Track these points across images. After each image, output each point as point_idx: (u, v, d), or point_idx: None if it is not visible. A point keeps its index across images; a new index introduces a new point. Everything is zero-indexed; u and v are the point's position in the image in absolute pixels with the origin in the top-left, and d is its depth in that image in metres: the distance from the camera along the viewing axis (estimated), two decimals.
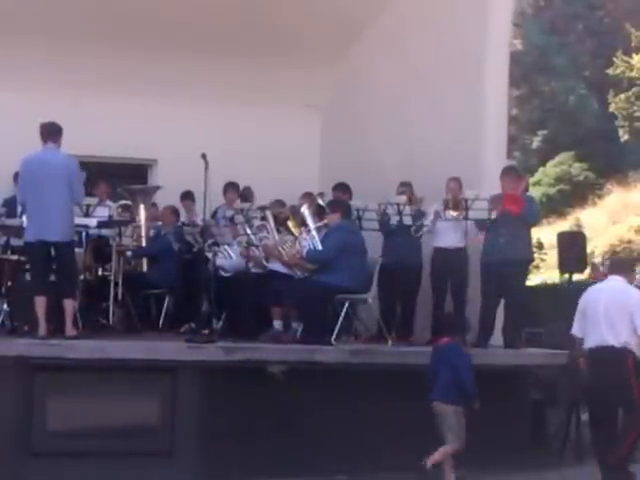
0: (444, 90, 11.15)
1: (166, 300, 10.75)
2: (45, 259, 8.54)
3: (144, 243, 10.11)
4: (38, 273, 8.62)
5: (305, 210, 9.70)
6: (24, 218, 8.85)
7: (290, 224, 9.93)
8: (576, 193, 26.88)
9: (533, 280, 16.41)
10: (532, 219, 9.96)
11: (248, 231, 9.88)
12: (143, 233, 10.03)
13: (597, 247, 20.20)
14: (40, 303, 8.36)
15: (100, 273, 9.92)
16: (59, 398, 7.91)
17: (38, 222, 8.41)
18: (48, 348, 7.98)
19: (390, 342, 9.61)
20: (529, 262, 10.48)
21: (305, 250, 9.41)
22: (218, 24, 11.68)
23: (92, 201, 9.59)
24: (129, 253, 10.30)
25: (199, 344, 8.46)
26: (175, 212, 11.25)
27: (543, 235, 18.68)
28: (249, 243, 9.83)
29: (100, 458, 7.89)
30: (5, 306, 9.33)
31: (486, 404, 8.38)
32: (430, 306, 10.33)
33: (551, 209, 25.21)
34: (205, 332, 8.83)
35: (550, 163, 29.06)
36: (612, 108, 26.62)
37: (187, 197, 11.30)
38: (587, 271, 15.04)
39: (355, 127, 12.41)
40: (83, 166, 8.84)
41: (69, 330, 8.45)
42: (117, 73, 12.04)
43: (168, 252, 10.65)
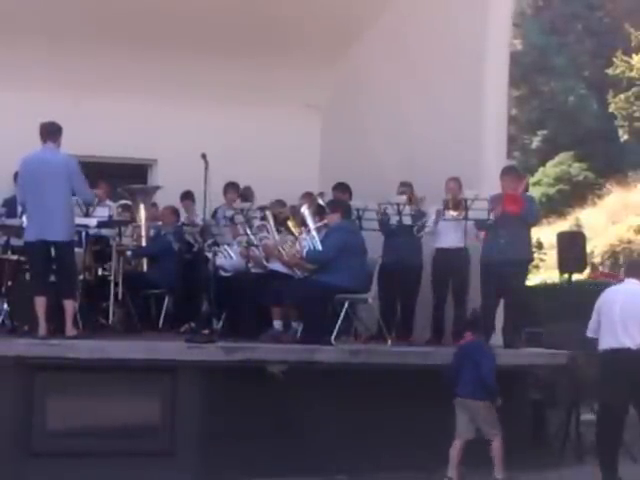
0: (444, 90, 11.14)
1: (166, 300, 10.76)
2: (45, 259, 8.54)
3: (144, 243, 10.11)
4: (38, 273, 8.62)
5: (305, 210, 9.70)
6: (24, 218, 8.84)
7: (290, 224, 9.93)
8: (576, 193, 26.84)
9: (533, 280, 16.40)
10: (532, 219, 9.96)
11: (248, 231, 9.88)
12: (143, 233, 10.02)
13: (597, 247, 20.19)
14: (40, 303, 8.36)
15: (100, 273, 9.92)
16: (59, 398, 7.91)
17: (38, 222, 8.41)
18: (48, 348, 7.98)
19: (390, 342, 9.62)
20: (529, 262, 10.48)
21: (305, 250, 9.42)
22: (218, 24, 11.68)
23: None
24: (129, 253, 10.30)
25: (199, 344, 8.46)
26: (175, 212, 11.25)
27: (543, 235, 18.68)
28: (249, 243, 9.83)
29: (100, 458, 7.89)
30: (5, 306, 9.32)
31: None
32: (430, 306, 10.33)
33: (551, 209, 25.19)
34: (205, 332, 8.82)
35: (550, 163, 29.04)
36: (612, 108, 26.59)
37: (187, 197, 11.30)
38: (587, 271, 15.06)
39: (355, 127, 12.41)
40: (83, 166, 8.84)
41: (69, 330, 8.45)
42: (117, 73, 12.04)
43: (168, 252, 10.65)
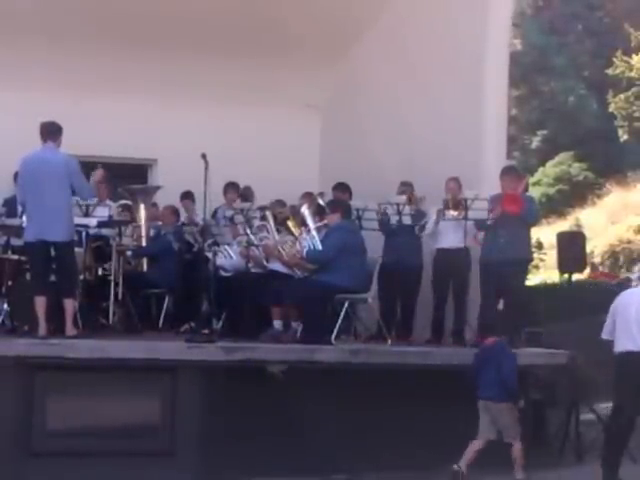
0: (444, 90, 11.15)
1: (166, 300, 10.77)
2: (45, 259, 8.54)
3: (144, 243, 10.12)
4: (38, 273, 8.62)
5: (305, 210, 9.70)
6: (24, 218, 8.85)
7: (290, 224, 9.92)
8: (575, 193, 26.84)
9: (533, 280, 16.41)
10: (532, 219, 9.96)
11: (248, 231, 9.88)
12: (143, 233, 10.03)
13: (596, 247, 20.19)
14: (40, 303, 8.36)
15: (100, 273, 9.91)
16: (59, 398, 7.91)
17: (38, 222, 8.41)
18: (48, 348, 7.98)
19: (390, 342, 9.62)
20: (528, 262, 10.48)
21: (305, 250, 9.42)
22: (218, 24, 11.69)
23: (92, 201, 9.58)
24: (129, 253, 10.31)
25: (199, 344, 8.46)
26: (175, 212, 11.25)
27: (543, 235, 18.69)
28: (249, 243, 9.83)
29: (100, 458, 7.88)
30: (5, 306, 9.32)
31: None
32: (430, 306, 10.33)
33: (551, 209, 25.19)
34: (205, 332, 8.82)
35: (550, 163, 29.04)
36: (611, 108, 26.57)
37: (187, 197, 11.31)
38: (586, 271, 15.07)
39: (355, 127, 12.41)
40: (83, 166, 8.84)
41: (69, 330, 8.45)
42: (117, 73, 12.04)
43: (168, 252, 10.66)
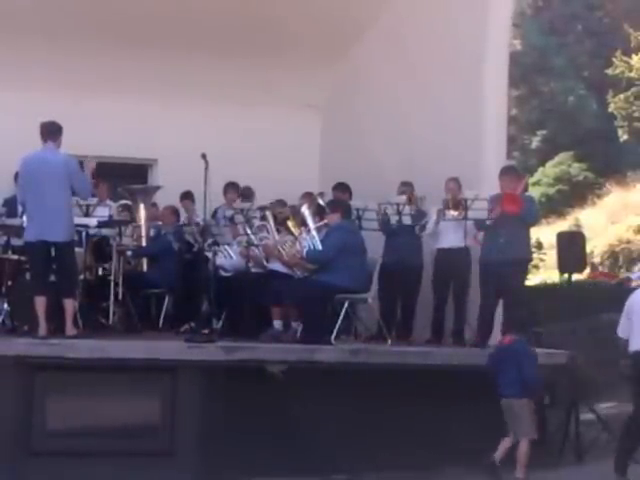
0: (444, 90, 11.15)
1: (166, 300, 10.77)
2: (45, 259, 8.54)
3: (144, 243, 10.12)
4: (38, 273, 8.62)
5: (305, 210, 9.70)
6: (24, 218, 8.85)
7: (290, 224, 9.93)
8: (575, 193, 26.81)
9: (533, 280, 16.40)
10: (531, 219, 9.96)
11: (248, 231, 9.88)
12: (143, 233, 10.03)
13: (596, 247, 20.15)
14: (40, 303, 8.36)
15: (100, 273, 9.93)
16: (59, 398, 7.91)
17: (38, 222, 8.41)
18: (48, 348, 7.98)
19: (390, 342, 9.62)
20: (528, 262, 10.46)
21: (305, 250, 9.42)
22: (218, 24, 11.68)
23: (92, 201, 9.59)
24: (129, 253, 10.31)
25: (199, 344, 8.46)
26: (175, 212, 11.25)
27: (542, 235, 18.67)
28: (249, 243, 9.84)
29: (100, 458, 7.88)
30: (5, 306, 9.31)
31: (485, 404, 8.40)
32: (430, 306, 10.33)
33: (550, 209, 25.17)
34: (205, 332, 8.82)
35: (549, 163, 29.01)
36: (611, 108, 26.53)
37: (187, 197, 11.30)
38: (586, 271, 15.06)
39: (355, 127, 12.42)
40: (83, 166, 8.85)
41: (69, 330, 8.45)
42: (117, 73, 12.04)
43: (168, 252, 10.65)
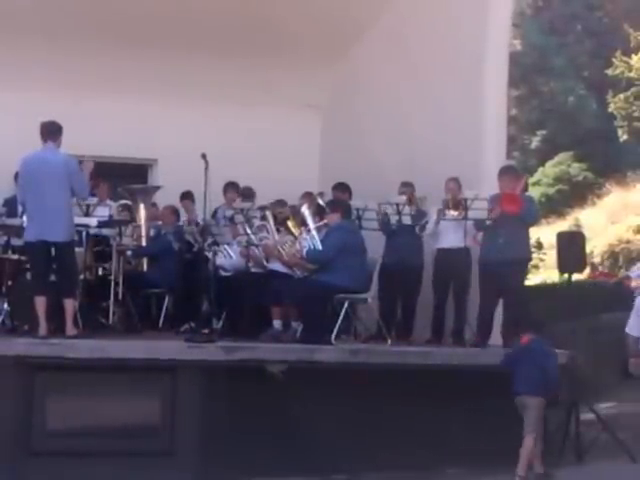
0: (444, 90, 11.15)
1: (166, 300, 10.77)
2: (45, 259, 8.54)
3: (144, 243, 10.11)
4: (38, 273, 8.62)
5: (305, 210, 9.71)
6: (24, 218, 8.85)
7: (290, 224, 9.93)
8: (575, 193, 26.82)
9: (533, 280, 16.41)
10: (531, 219, 9.96)
11: (248, 231, 9.89)
12: (143, 233, 10.03)
13: (596, 247, 20.16)
14: (40, 303, 8.36)
15: (100, 273, 9.93)
16: (59, 398, 7.90)
17: (38, 222, 8.41)
18: (48, 348, 7.98)
19: (390, 342, 9.62)
20: (527, 262, 10.47)
21: (305, 250, 9.42)
22: (218, 24, 11.69)
23: (92, 201, 9.60)
24: (129, 253, 10.30)
25: (199, 344, 8.45)
26: (175, 212, 11.26)
27: (542, 235, 18.68)
28: (249, 243, 9.84)
29: (100, 458, 7.88)
30: (5, 305, 9.32)
31: (485, 404, 8.41)
32: (430, 306, 10.33)
33: (550, 209, 25.17)
34: (205, 332, 8.82)
35: (549, 163, 29.02)
36: (611, 108, 26.54)
37: (187, 197, 11.30)
38: (586, 271, 15.07)
39: (355, 127, 12.42)
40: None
41: (69, 330, 8.45)
42: (117, 73, 12.05)
43: (168, 252, 10.65)
